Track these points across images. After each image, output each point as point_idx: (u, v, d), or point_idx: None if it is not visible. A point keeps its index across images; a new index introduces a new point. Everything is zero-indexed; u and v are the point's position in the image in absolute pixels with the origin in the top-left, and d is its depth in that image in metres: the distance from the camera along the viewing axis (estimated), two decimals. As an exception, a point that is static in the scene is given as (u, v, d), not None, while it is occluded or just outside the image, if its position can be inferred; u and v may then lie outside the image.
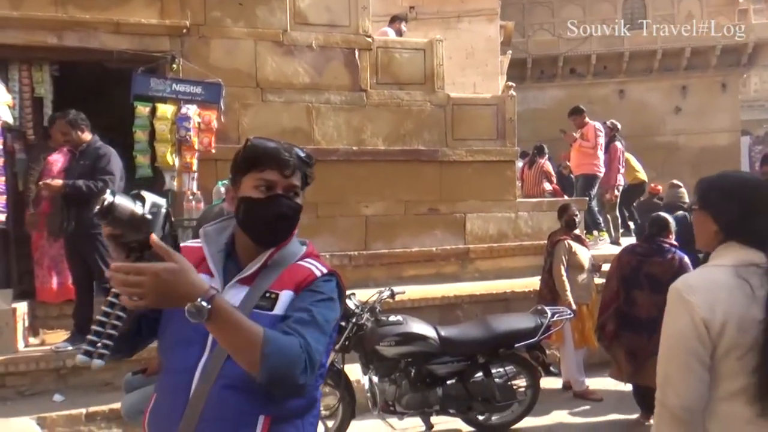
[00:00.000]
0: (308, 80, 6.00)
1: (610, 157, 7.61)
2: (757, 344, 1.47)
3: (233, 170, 1.52)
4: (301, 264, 1.49)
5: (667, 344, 1.59)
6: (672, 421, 1.55)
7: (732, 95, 19.48)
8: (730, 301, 1.50)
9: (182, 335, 1.39)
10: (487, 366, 4.14)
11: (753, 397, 1.49)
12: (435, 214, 6.34)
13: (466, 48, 11.99)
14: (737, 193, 1.62)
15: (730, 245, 1.60)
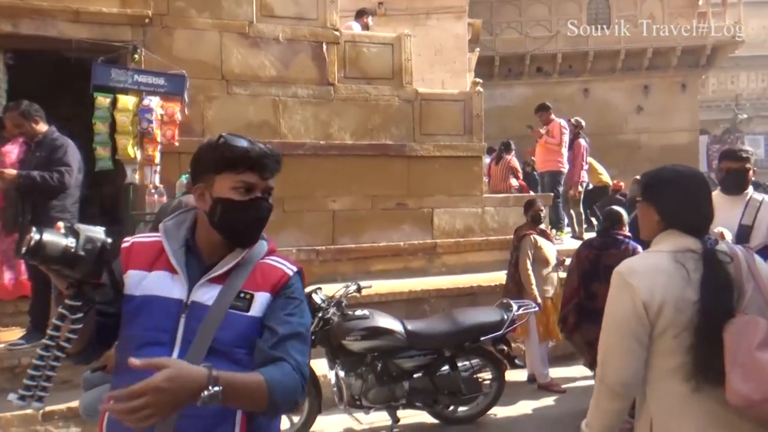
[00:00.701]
0: (275, 73, 5.93)
1: (574, 154, 7.76)
2: (691, 324, 1.58)
3: (201, 166, 1.49)
4: (270, 263, 1.51)
5: (609, 325, 1.70)
6: (610, 396, 1.67)
7: (691, 95, 20.07)
8: (668, 284, 1.60)
9: (149, 337, 1.38)
10: (453, 359, 4.17)
11: (688, 373, 1.58)
12: (402, 209, 6.35)
13: (435, 45, 12.04)
14: (675, 185, 1.74)
15: (670, 233, 1.71)
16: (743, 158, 3.28)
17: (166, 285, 1.44)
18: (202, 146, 1.52)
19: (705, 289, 1.59)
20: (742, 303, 1.61)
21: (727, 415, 1.58)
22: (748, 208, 3.21)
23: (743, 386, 1.51)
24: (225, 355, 1.38)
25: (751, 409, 1.54)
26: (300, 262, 5.64)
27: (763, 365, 1.51)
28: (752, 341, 1.53)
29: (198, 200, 1.49)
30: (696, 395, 1.59)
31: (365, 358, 3.98)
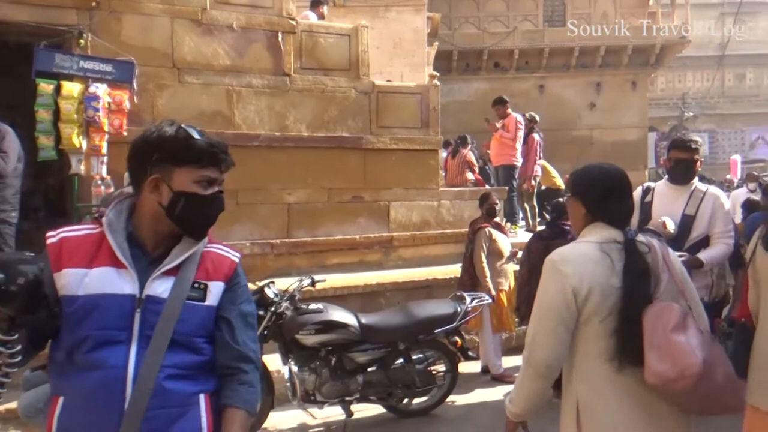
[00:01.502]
0: (229, 62, 5.79)
1: (528, 148, 7.89)
2: (615, 309, 1.71)
3: (157, 157, 1.44)
4: (215, 251, 1.53)
5: (539, 309, 1.82)
6: (535, 376, 1.80)
7: (641, 93, 20.71)
8: (595, 272, 1.73)
9: (104, 337, 1.36)
10: (408, 352, 4.19)
11: (612, 355, 1.72)
12: (359, 202, 6.32)
13: (394, 38, 12.02)
14: (599, 181, 1.89)
15: (596, 225, 1.85)
16: (692, 149, 3.30)
17: (113, 281, 1.39)
18: (149, 138, 1.46)
19: (627, 277, 1.72)
20: (659, 290, 1.75)
21: (645, 393, 1.71)
22: (691, 198, 3.25)
23: (659, 366, 1.64)
24: (186, 346, 1.40)
25: (666, 387, 1.66)
26: (254, 255, 5.63)
27: (676, 346, 1.63)
28: (667, 325, 1.66)
29: (151, 192, 1.44)
30: (618, 375, 1.71)
31: (319, 352, 3.95)
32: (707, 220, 3.20)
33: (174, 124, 1.47)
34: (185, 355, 1.40)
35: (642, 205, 3.35)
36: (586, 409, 1.77)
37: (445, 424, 4.28)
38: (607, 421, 1.74)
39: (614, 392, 1.74)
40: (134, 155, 1.48)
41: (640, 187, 3.51)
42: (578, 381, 1.80)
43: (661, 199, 3.31)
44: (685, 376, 1.62)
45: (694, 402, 1.72)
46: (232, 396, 1.48)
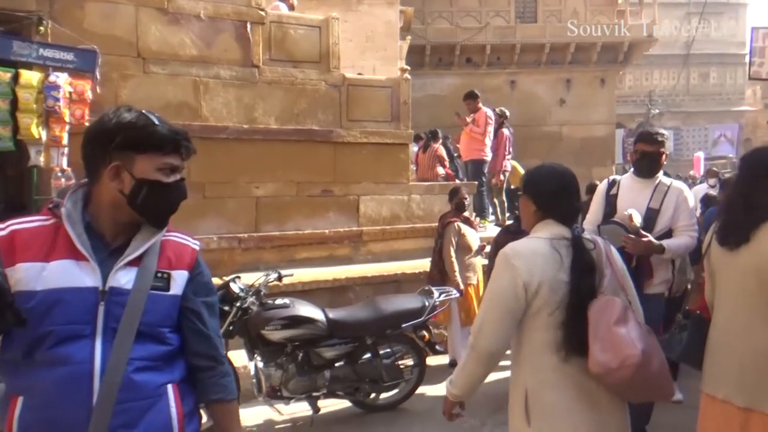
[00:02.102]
0: (196, 52, 5.67)
1: (497, 143, 7.94)
2: (563, 303, 1.82)
3: (118, 143, 1.39)
4: (174, 239, 1.51)
5: (489, 299, 1.91)
6: (478, 361, 1.90)
7: (609, 90, 21.05)
8: (545, 266, 1.84)
9: (67, 332, 1.32)
10: (375, 347, 4.19)
11: (558, 346, 1.83)
12: (328, 196, 6.28)
13: (366, 31, 11.96)
14: (550, 181, 2.00)
15: (547, 222, 1.96)
16: (658, 141, 3.30)
17: (74, 275, 1.35)
18: (106, 125, 1.41)
19: (574, 272, 1.83)
20: (603, 285, 1.86)
21: (587, 381, 1.83)
22: (656, 192, 3.28)
23: (602, 356, 1.75)
24: (152, 337, 1.39)
25: (608, 376, 1.78)
26: (221, 250, 5.55)
27: (618, 338, 1.76)
28: (611, 318, 1.78)
29: (112, 180, 1.40)
30: (564, 365, 1.83)
31: (285, 347, 3.92)
32: (671, 214, 3.23)
33: (132, 110, 1.43)
34: (152, 346, 1.39)
35: (607, 198, 3.38)
36: (533, 397, 1.87)
37: (412, 418, 4.29)
38: (553, 407, 1.84)
39: (560, 381, 1.84)
40: (90, 142, 1.43)
41: (605, 180, 3.55)
42: (527, 371, 1.90)
43: (627, 192, 3.34)
44: (626, 366, 1.73)
45: (630, 389, 1.84)
46: (222, 390, 1.52)
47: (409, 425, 4.20)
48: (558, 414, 1.84)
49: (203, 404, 1.55)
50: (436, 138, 8.89)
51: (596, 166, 18.31)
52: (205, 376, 1.52)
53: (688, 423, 2.69)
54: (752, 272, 2.13)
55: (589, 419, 1.85)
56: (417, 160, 8.84)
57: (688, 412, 2.95)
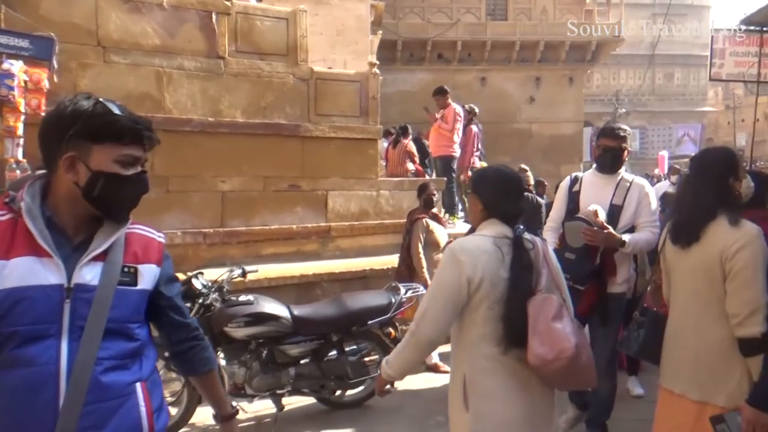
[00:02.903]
0: (158, 42, 5.51)
1: (466, 140, 7.94)
2: (503, 298, 1.94)
3: (73, 133, 1.32)
4: (138, 232, 1.47)
5: (434, 289, 2.01)
6: (416, 347, 2.02)
7: (577, 89, 21.37)
8: (487, 262, 1.95)
9: (32, 332, 1.26)
10: (341, 344, 4.14)
11: (498, 339, 1.95)
12: (296, 191, 6.20)
13: (337, 25, 11.87)
14: (496, 183, 2.12)
15: (492, 221, 2.07)
16: (620, 136, 3.29)
17: (37, 272, 1.28)
18: (63, 112, 1.34)
19: (514, 269, 1.96)
20: (540, 283, 2.00)
21: (523, 371, 1.97)
22: (618, 188, 3.27)
23: (540, 349, 1.89)
24: (120, 333, 1.35)
25: (544, 368, 1.91)
26: (186, 245, 5.43)
27: (555, 333, 1.89)
28: (548, 314, 1.92)
29: (67, 171, 1.33)
30: (503, 357, 1.96)
31: (249, 345, 3.84)
32: (634, 210, 3.23)
33: (91, 97, 1.37)
34: (120, 343, 1.35)
35: (570, 195, 3.38)
36: (471, 384, 1.99)
37: (377, 415, 4.26)
38: (489, 392, 1.97)
39: (498, 371, 1.97)
40: (46, 131, 1.36)
41: (568, 177, 3.53)
42: (466, 362, 2.02)
43: (589, 188, 3.34)
44: (561, 358, 1.88)
45: (562, 379, 2.00)
46: (208, 362, 1.65)
47: (375, 422, 4.17)
48: (493, 398, 1.97)
49: (190, 376, 1.73)
50: (405, 134, 8.87)
51: (565, 163, 18.58)
52: (191, 355, 1.61)
53: (648, 417, 2.73)
54: (702, 270, 2.22)
55: (521, 403, 1.98)
56: (387, 155, 8.81)
57: (649, 406, 3.00)
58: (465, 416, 2.00)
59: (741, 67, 8.12)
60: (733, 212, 2.21)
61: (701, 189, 2.29)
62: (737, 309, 2.12)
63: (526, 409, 1.99)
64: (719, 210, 2.22)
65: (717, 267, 2.16)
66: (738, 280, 2.12)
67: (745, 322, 2.10)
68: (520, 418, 1.98)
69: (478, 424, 1.98)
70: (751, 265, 2.11)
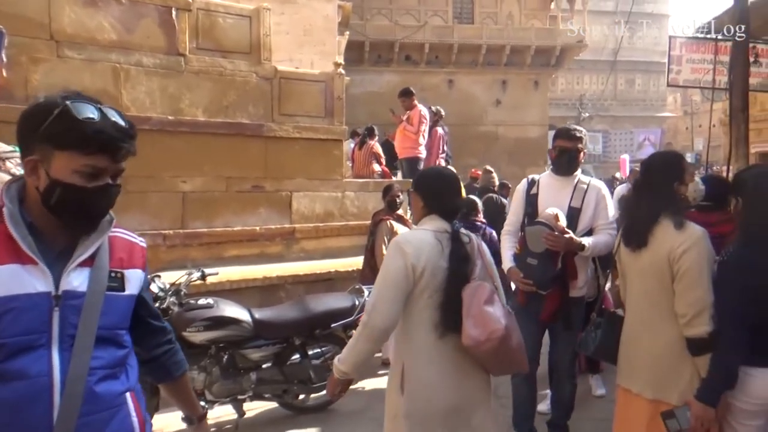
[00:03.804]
0: (115, 37, 5.33)
1: (431, 141, 7.93)
2: (441, 287, 2.09)
3: (37, 136, 1.23)
4: (120, 236, 1.43)
5: (383, 279, 2.11)
6: (369, 337, 2.09)
7: (542, 93, 21.73)
8: (429, 253, 2.09)
9: (21, 343, 1.21)
10: (304, 347, 4.07)
11: (436, 325, 2.09)
12: (259, 192, 6.08)
13: (304, 25, 11.76)
14: (436, 182, 2.30)
15: (432, 217, 2.22)
16: (576, 137, 3.24)
17: (22, 280, 1.22)
18: (36, 109, 1.25)
19: (452, 260, 2.11)
20: (474, 272, 2.15)
21: (458, 356, 2.11)
22: (576, 190, 3.22)
23: (473, 331, 2.03)
24: (110, 341, 1.32)
25: (477, 348, 2.05)
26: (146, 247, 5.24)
27: (487, 315, 2.05)
28: (481, 299, 2.07)
29: (29, 174, 1.26)
30: (440, 342, 2.09)
31: (209, 349, 3.73)
32: (592, 213, 3.20)
33: (69, 97, 1.26)
34: (111, 351, 1.32)
35: (528, 198, 3.31)
36: (409, 370, 2.12)
37: (342, 419, 4.20)
38: (424, 377, 2.10)
39: (434, 355, 2.10)
40: (18, 128, 1.28)
41: (524, 180, 3.45)
42: (406, 348, 2.15)
43: (547, 191, 3.28)
44: (491, 339, 2.03)
45: (495, 360, 2.13)
46: (181, 366, 1.64)
47: (339, 425, 4.11)
48: (428, 384, 2.10)
49: (163, 382, 1.67)
50: (372, 135, 8.82)
51: (530, 165, 18.83)
52: (165, 359, 1.60)
53: (609, 416, 2.75)
54: (651, 272, 2.28)
55: (455, 390, 2.12)
56: (353, 156, 8.74)
57: (609, 406, 3.02)
58: (400, 398, 2.13)
59: (697, 73, 8.34)
60: (678, 215, 2.26)
61: (646, 193, 2.37)
62: (685, 309, 2.17)
63: (459, 395, 2.13)
64: (663, 213, 2.27)
65: (665, 269, 2.22)
66: (685, 281, 2.17)
67: (693, 322, 2.15)
68: (453, 403, 2.12)
69: (411, 406, 2.11)
70: (696, 266, 2.16)
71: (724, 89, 7.39)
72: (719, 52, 7.45)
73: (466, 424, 2.15)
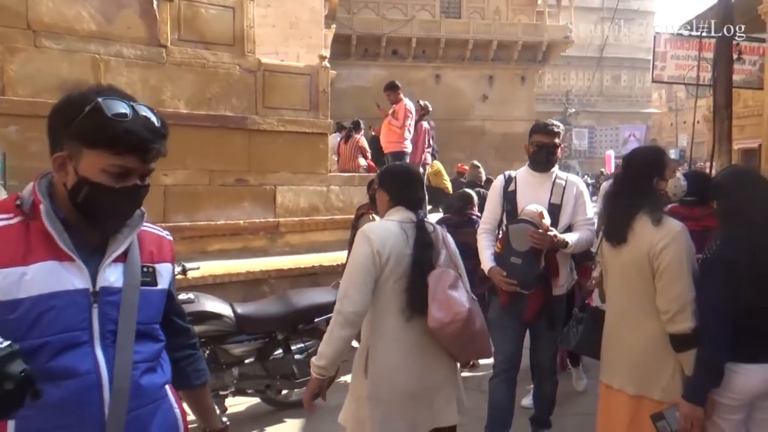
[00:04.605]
0: (95, 27, 5.23)
1: (417, 136, 7.90)
2: (406, 273, 2.19)
3: (67, 131, 1.20)
4: (148, 230, 1.42)
5: (352, 267, 2.20)
6: (344, 324, 2.16)
7: (529, 88, 21.79)
8: (395, 242, 2.20)
9: (65, 341, 1.19)
10: (287, 342, 4.02)
11: (403, 309, 2.18)
12: (243, 186, 6.02)
13: (290, 17, 11.69)
14: (399, 176, 2.42)
15: (397, 208, 2.33)
16: (554, 132, 3.14)
17: (60, 277, 1.21)
18: (67, 104, 1.21)
19: (416, 248, 2.22)
20: (439, 260, 2.27)
21: (424, 339, 2.21)
22: (555, 187, 3.15)
23: (438, 314, 2.14)
24: (148, 335, 1.33)
25: (442, 330, 2.15)
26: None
27: (451, 299, 2.16)
28: (445, 284, 2.18)
29: (57, 170, 1.24)
30: (407, 326, 2.19)
31: (190, 345, 3.68)
32: (572, 209, 3.13)
33: (101, 92, 1.22)
34: (149, 345, 1.33)
35: (506, 195, 3.19)
36: (373, 352, 2.22)
37: (325, 414, 4.15)
38: (389, 364, 2.20)
39: (400, 339, 2.20)
40: (49, 121, 1.25)
41: (501, 176, 3.34)
42: (373, 331, 2.23)
43: (526, 187, 3.19)
44: (455, 321, 2.13)
45: (457, 342, 2.22)
46: (202, 375, 1.58)
47: (322, 421, 4.07)
48: (392, 367, 2.20)
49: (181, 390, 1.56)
50: (358, 129, 8.77)
51: (516, 161, 18.86)
52: (186, 364, 1.54)
53: (592, 411, 2.75)
54: (632, 268, 2.28)
55: (418, 374, 2.21)
56: (339, 150, 8.69)
57: (593, 400, 3.02)
58: (364, 381, 2.22)
59: (682, 70, 8.41)
60: (657, 211, 2.26)
61: (624, 188, 2.37)
62: (667, 306, 2.16)
63: (422, 379, 2.22)
64: (642, 209, 2.26)
65: (646, 265, 2.21)
66: (665, 278, 2.17)
67: (676, 318, 2.15)
68: (416, 387, 2.21)
69: (374, 389, 2.20)
70: (676, 262, 2.16)
71: (708, 85, 7.45)
72: (703, 48, 7.52)
73: (428, 406, 2.24)
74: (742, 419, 2.17)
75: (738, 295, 2.05)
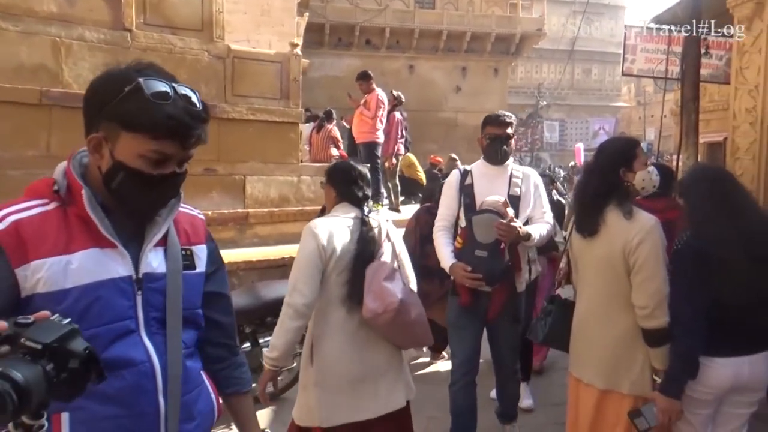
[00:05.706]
0: (55, 9, 5.01)
1: (389, 126, 7.83)
2: (348, 266, 2.32)
3: (105, 112, 1.13)
4: (181, 211, 1.35)
5: (299, 260, 2.29)
6: (295, 316, 2.24)
7: (502, 80, 21.90)
8: (339, 236, 2.32)
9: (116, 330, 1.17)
10: (255, 335, 3.97)
11: (344, 300, 2.31)
12: (212, 175, 5.88)
13: (262, 4, 11.45)
14: (346, 173, 2.50)
15: (343, 204, 2.45)
16: (507, 123, 3.07)
17: (104, 265, 1.16)
18: (105, 82, 1.15)
19: (359, 242, 2.35)
20: (378, 254, 2.40)
21: (364, 330, 2.34)
22: (512, 178, 3.08)
23: (372, 304, 2.25)
24: (192, 321, 1.30)
25: (376, 320, 2.26)
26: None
27: (385, 290, 2.27)
28: (381, 276, 2.30)
29: (92, 152, 1.17)
30: (347, 316, 2.32)
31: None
32: (532, 200, 3.08)
33: (142, 71, 1.14)
34: (192, 331, 1.31)
35: (463, 188, 3.10)
36: (318, 343, 2.34)
37: (291, 408, 4.12)
38: (332, 353, 2.31)
39: (341, 329, 2.32)
40: (86, 98, 1.17)
41: (455, 171, 3.25)
42: (318, 323, 2.35)
43: (483, 180, 3.10)
44: (388, 311, 2.24)
45: (395, 331, 2.34)
46: (237, 383, 1.45)
47: (289, 414, 4.02)
48: (334, 357, 2.31)
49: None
50: (330, 119, 8.67)
51: (488, 153, 19.00)
52: (218, 368, 1.42)
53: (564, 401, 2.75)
54: (605, 261, 2.27)
55: (359, 359, 2.33)
56: (311, 140, 8.58)
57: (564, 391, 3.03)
58: (310, 369, 2.35)
59: (651, 63, 8.50)
60: (626, 203, 2.24)
61: (593, 178, 2.36)
62: (645, 301, 2.15)
63: (364, 366, 2.34)
64: (608, 200, 2.25)
65: (620, 260, 2.20)
66: (643, 273, 2.16)
67: (654, 313, 2.14)
68: (358, 373, 2.32)
69: (320, 376, 2.32)
70: (652, 258, 2.16)
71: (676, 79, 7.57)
72: (672, 42, 7.62)
73: (373, 392, 2.35)
74: (711, 414, 2.19)
75: (709, 287, 2.06)
